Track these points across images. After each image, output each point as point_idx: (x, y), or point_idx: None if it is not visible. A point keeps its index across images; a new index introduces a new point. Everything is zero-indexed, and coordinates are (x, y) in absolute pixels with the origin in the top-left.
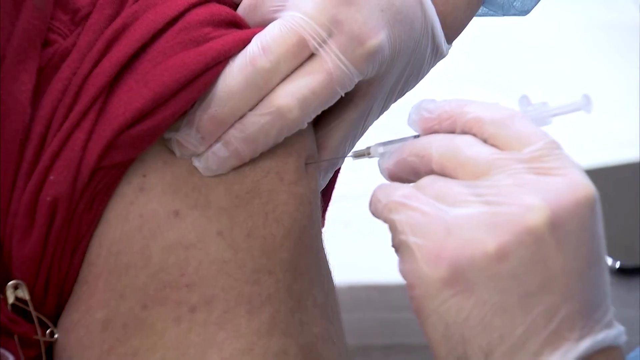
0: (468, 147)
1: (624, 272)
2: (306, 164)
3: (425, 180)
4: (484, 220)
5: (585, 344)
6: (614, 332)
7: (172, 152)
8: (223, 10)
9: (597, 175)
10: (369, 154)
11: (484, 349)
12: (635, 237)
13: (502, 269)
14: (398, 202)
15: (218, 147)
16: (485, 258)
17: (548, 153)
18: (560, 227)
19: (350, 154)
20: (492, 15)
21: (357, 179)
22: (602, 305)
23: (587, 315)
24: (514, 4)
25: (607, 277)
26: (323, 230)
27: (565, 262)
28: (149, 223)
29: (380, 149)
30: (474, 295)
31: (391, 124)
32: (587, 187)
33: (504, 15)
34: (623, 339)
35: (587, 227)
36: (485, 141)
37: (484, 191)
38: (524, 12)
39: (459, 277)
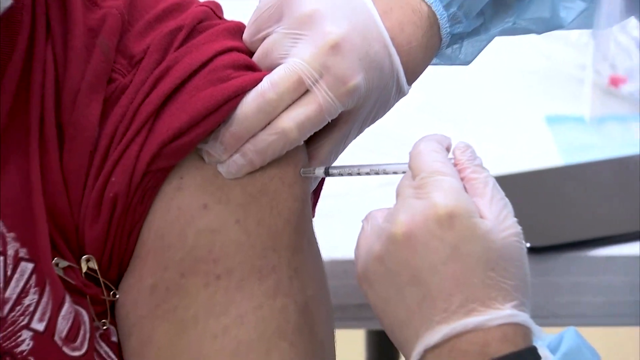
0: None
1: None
2: (303, 175)
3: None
4: (377, 233)
5: (443, 329)
6: (477, 319)
7: (203, 160)
8: (241, 57)
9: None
10: (314, 173)
11: (389, 328)
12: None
13: (382, 269)
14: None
15: (237, 157)
16: (373, 261)
17: (425, 181)
18: (412, 237)
19: (301, 172)
20: (442, 65)
21: (338, 182)
22: (462, 295)
23: (446, 305)
24: (459, 56)
25: (472, 273)
26: (314, 219)
27: (420, 262)
28: (185, 214)
29: (321, 170)
30: (373, 289)
31: (364, 143)
32: (437, 208)
33: (451, 64)
34: (493, 322)
35: (436, 236)
36: None
37: (390, 212)
38: (466, 62)
39: (364, 276)
